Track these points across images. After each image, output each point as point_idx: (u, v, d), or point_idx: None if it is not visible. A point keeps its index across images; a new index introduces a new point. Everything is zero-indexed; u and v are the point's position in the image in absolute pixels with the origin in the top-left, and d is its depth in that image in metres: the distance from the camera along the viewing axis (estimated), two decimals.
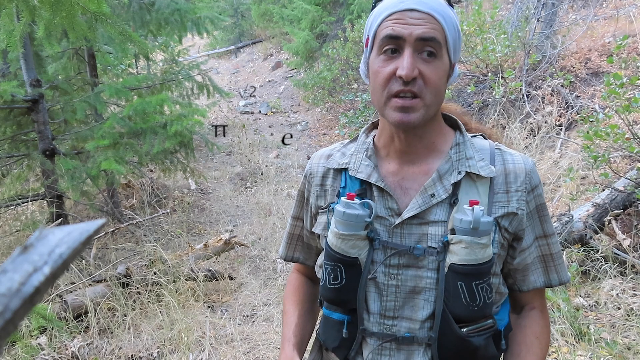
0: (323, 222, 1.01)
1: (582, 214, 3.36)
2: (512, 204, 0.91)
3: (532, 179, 0.92)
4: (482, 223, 0.84)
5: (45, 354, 2.82)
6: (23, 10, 2.74)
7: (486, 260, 0.86)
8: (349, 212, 0.89)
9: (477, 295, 0.86)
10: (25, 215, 4.75)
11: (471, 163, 0.91)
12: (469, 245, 0.85)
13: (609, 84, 3.08)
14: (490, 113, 5.61)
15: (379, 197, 0.93)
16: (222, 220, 5.41)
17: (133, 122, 4.39)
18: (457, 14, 0.96)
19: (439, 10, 0.85)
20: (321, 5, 9.70)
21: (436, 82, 0.85)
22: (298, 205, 1.12)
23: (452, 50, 0.88)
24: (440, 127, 0.96)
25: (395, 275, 0.91)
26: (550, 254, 0.97)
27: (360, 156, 0.98)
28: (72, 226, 0.34)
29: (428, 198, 0.90)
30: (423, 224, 0.90)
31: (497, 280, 0.93)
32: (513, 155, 0.95)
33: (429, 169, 0.93)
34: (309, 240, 1.12)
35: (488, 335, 0.90)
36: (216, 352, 2.90)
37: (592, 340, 2.51)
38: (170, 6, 5.16)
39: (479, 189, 0.90)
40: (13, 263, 0.30)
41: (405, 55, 0.84)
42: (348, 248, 0.90)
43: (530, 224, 0.94)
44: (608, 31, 6.17)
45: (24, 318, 0.29)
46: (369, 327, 0.93)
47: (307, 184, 1.07)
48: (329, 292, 0.94)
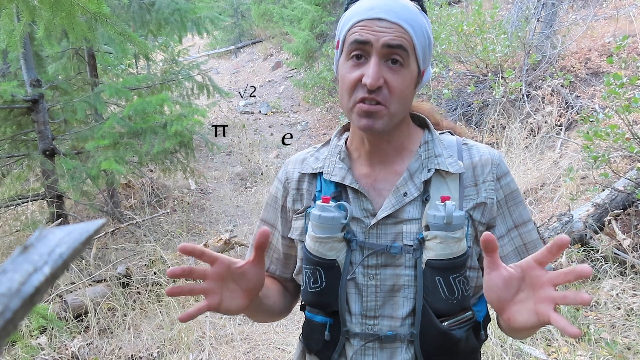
0: (299, 227, 1.00)
1: (582, 214, 3.36)
2: (482, 194, 0.92)
3: (499, 167, 0.94)
4: (454, 217, 0.85)
5: (45, 354, 2.82)
6: (23, 10, 2.74)
7: (461, 254, 0.88)
8: (324, 215, 0.90)
9: (455, 289, 0.87)
10: (25, 215, 4.75)
11: (440, 160, 0.93)
12: (444, 240, 0.86)
13: (609, 84, 3.08)
14: (490, 113, 5.61)
15: (354, 198, 0.95)
16: (222, 220, 5.42)
17: (133, 122, 4.40)
18: (457, 14, 0.95)
19: (407, 19, 0.86)
20: (321, 5, 9.69)
21: (401, 91, 0.86)
22: (270, 210, 1.09)
23: (421, 58, 0.89)
24: (409, 130, 0.98)
25: (374, 275, 0.92)
26: (524, 244, 0.96)
27: (334, 159, 0.99)
28: (72, 226, 0.34)
29: (401, 197, 0.92)
30: (398, 222, 0.92)
31: (475, 274, 0.94)
32: (479, 148, 0.97)
33: (400, 169, 0.95)
34: (286, 250, 1.08)
35: (468, 327, 0.91)
36: (216, 352, 2.90)
37: (592, 340, 2.51)
38: (170, 6, 5.16)
39: (449, 184, 0.92)
40: (13, 263, 0.30)
41: (371, 63, 0.84)
42: (326, 251, 0.91)
43: (501, 214, 0.94)
44: (608, 31, 6.17)
45: (24, 318, 0.29)
46: (351, 328, 0.93)
47: (282, 190, 1.06)
48: (310, 295, 0.95)
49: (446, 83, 6.08)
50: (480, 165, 0.94)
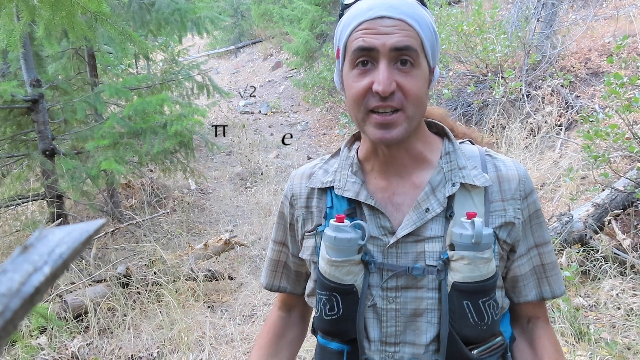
0: (310, 246, 0.93)
1: (582, 214, 3.36)
2: (509, 212, 0.86)
3: (525, 185, 0.88)
4: (484, 236, 0.79)
5: (45, 354, 2.82)
6: (23, 10, 2.74)
7: (491, 276, 0.81)
8: (340, 236, 0.82)
9: (485, 314, 0.81)
10: (25, 215, 4.75)
11: (465, 173, 0.86)
12: (472, 261, 0.79)
13: (609, 83, 3.08)
14: (490, 113, 5.61)
15: (370, 216, 0.87)
16: (222, 220, 5.42)
17: (133, 122, 4.40)
18: (457, 14, 0.93)
19: (411, 14, 0.79)
20: (321, 5, 9.70)
21: (416, 93, 0.80)
22: (280, 228, 1.03)
23: (431, 55, 0.83)
24: (425, 136, 0.91)
25: (394, 298, 0.85)
26: (542, 264, 0.91)
27: (345, 172, 0.91)
28: (72, 226, 0.34)
29: (422, 213, 0.84)
30: (419, 241, 0.84)
31: (500, 293, 0.89)
32: (504, 161, 0.90)
33: (419, 182, 0.88)
34: (297, 268, 1.03)
35: (499, 354, 0.86)
36: (216, 352, 2.90)
37: (592, 340, 2.51)
38: (170, 6, 5.16)
39: (474, 199, 0.85)
40: (13, 263, 0.30)
41: (380, 68, 0.77)
42: (342, 275, 0.84)
43: (524, 234, 0.89)
44: (608, 31, 6.17)
45: (24, 318, 0.29)
46: (370, 356, 0.86)
47: (289, 207, 0.98)
48: (326, 324, 0.88)
49: (446, 83, 6.08)
50: (507, 180, 0.87)
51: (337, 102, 8.46)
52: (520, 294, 0.92)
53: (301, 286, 1.05)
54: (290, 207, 0.98)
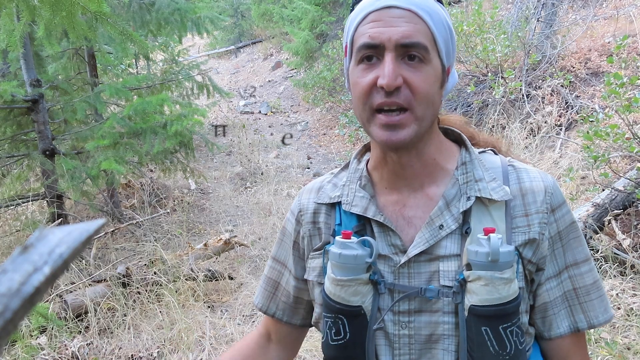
0: (317, 266, 0.86)
1: (582, 214, 3.36)
2: (534, 228, 0.77)
3: (553, 196, 0.79)
4: (501, 254, 0.71)
5: (45, 354, 2.82)
6: (23, 10, 2.74)
7: (512, 298, 0.73)
8: (345, 253, 0.76)
9: (507, 342, 0.72)
10: (25, 215, 4.75)
11: (481, 186, 0.78)
12: (490, 281, 0.71)
13: (609, 83, 3.08)
14: (490, 113, 5.61)
15: (380, 232, 0.81)
16: (222, 220, 5.42)
17: (133, 122, 4.40)
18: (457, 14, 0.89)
19: (422, 5, 0.73)
20: (321, 5, 9.71)
21: (426, 89, 0.73)
22: (281, 245, 0.96)
23: (444, 52, 0.76)
24: (440, 142, 0.84)
25: (407, 323, 0.78)
26: (574, 288, 0.81)
27: (354, 187, 0.85)
28: (72, 226, 0.34)
29: (436, 230, 0.77)
30: (432, 259, 0.77)
31: (526, 318, 0.79)
32: (529, 171, 0.81)
33: (433, 194, 0.81)
34: (298, 293, 0.94)
35: None
36: (216, 352, 2.90)
37: (592, 340, 2.51)
38: (170, 6, 5.16)
39: (493, 214, 0.77)
40: (13, 263, 0.30)
41: (386, 61, 0.71)
42: (349, 296, 0.77)
43: (552, 252, 0.79)
44: (608, 31, 6.17)
45: (24, 318, 0.29)
46: None
47: (294, 224, 0.91)
48: (333, 350, 0.81)
49: None
50: (532, 192, 0.79)
51: (337, 102, 8.46)
52: (550, 326, 0.82)
53: (298, 315, 0.97)
54: (297, 223, 0.91)
